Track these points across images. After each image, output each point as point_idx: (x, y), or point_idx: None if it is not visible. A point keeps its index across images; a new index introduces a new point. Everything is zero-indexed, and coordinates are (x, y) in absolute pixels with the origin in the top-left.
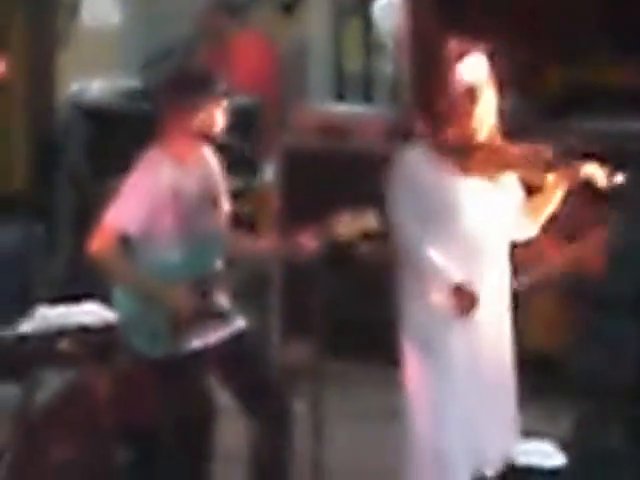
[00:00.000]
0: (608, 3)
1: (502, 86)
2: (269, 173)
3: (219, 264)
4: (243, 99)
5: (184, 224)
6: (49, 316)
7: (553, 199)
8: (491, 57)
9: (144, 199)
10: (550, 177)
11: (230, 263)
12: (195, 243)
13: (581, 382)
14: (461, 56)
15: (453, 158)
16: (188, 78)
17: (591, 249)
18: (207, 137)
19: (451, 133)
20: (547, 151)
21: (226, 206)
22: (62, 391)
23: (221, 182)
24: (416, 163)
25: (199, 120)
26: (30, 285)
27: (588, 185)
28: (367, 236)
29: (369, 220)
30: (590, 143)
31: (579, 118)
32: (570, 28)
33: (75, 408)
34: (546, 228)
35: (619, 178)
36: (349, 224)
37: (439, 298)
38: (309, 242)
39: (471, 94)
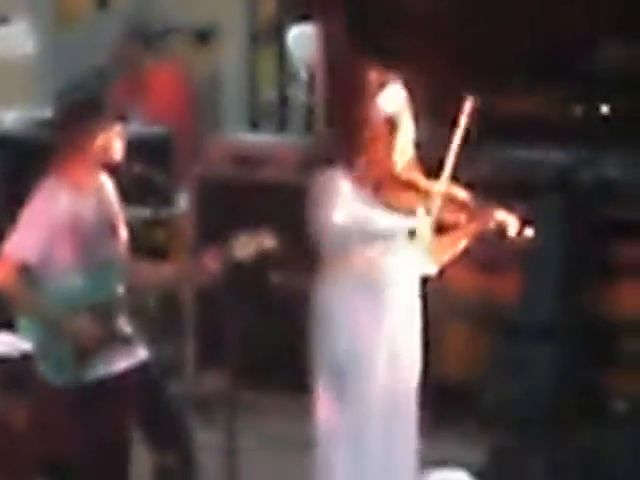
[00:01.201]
0: (525, 32)
1: (417, 115)
2: (183, 202)
3: (120, 290)
4: (157, 129)
5: (83, 251)
6: None
7: (460, 241)
8: (408, 86)
9: (42, 227)
10: (462, 217)
11: (135, 290)
12: (95, 269)
13: (496, 411)
14: (381, 86)
15: (370, 188)
16: (80, 105)
17: (505, 278)
18: (105, 164)
19: (369, 164)
20: (462, 191)
21: (124, 233)
22: None
23: (118, 209)
24: (344, 187)
25: (96, 147)
26: None
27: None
28: (263, 255)
29: (265, 240)
30: (501, 171)
31: (492, 146)
32: (486, 56)
33: None
34: (462, 258)
35: (528, 232)
36: (246, 244)
37: None
38: (210, 263)
39: (391, 125)
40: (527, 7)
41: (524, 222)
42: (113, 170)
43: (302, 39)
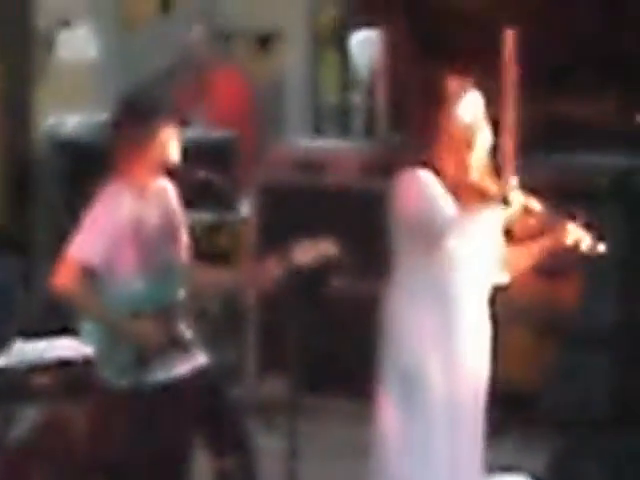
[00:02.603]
0: (591, 38)
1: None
2: (245, 208)
3: (182, 296)
4: (220, 133)
5: (146, 255)
6: (27, 350)
7: (535, 255)
8: (484, 93)
9: (106, 231)
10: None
11: (197, 295)
12: (157, 274)
13: (555, 417)
14: (460, 95)
15: (450, 189)
16: (141, 106)
17: (566, 285)
18: (167, 169)
19: (444, 171)
20: (537, 203)
21: (185, 238)
22: (38, 425)
23: (180, 213)
24: (432, 182)
25: (155, 150)
26: (9, 319)
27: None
28: (325, 262)
29: (327, 247)
30: (562, 176)
31: (553, 151)
32: (552, 60)
33: (53, 442)
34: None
35: (601, 247)
36: (307, 250)
37: None
38: (272, 269)
39: (469, 133)
40: (592, 13)
41: (597, 237)
42: (176, 175)
43: (365, 44)
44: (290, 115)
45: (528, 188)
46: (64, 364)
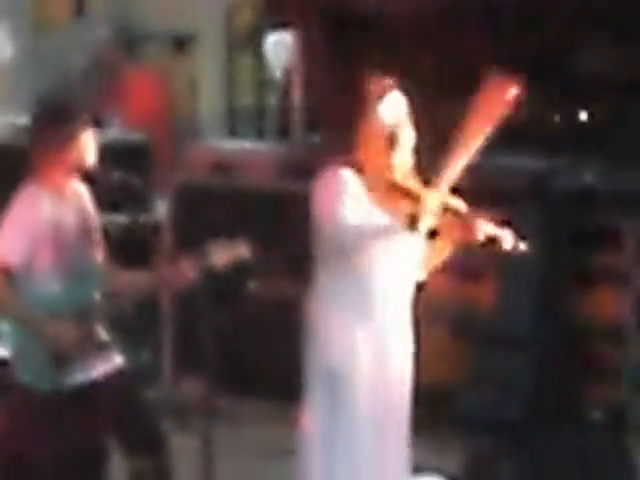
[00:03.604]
0: (504, 37)
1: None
2: (161, 209)
3: (98, 297)
4: (135, 135)
5: (63, 257)
6: None
7: (446, 250)
8: (405, 92)
9: (25, 232)
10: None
11: (113, 297)
12: (74, 275)
13: (472, 417)
14: (380, 95)
15: (366, 193)
16: (56, 109)
17: (484, 286)
18: (80, 169)
19: (366, 170)
20: (457, 201)
21: (100, 240)
22: None
23: (95, 216)
24: (351, 182)
25: (71, 153)
26: None
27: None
28: (240, 264)
29: (242, 249)
30: (479, 178)
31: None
32: (469, 60)
33: None
34: (441, 266)
35: (522, 246)
36: (222, 252)
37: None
38: (187, 270)
39: (391, 134)
40: (510, 14)
41: (516, 235)
42: (90, 176)
43: (279, 46)
44: (205, 117)
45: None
46: None
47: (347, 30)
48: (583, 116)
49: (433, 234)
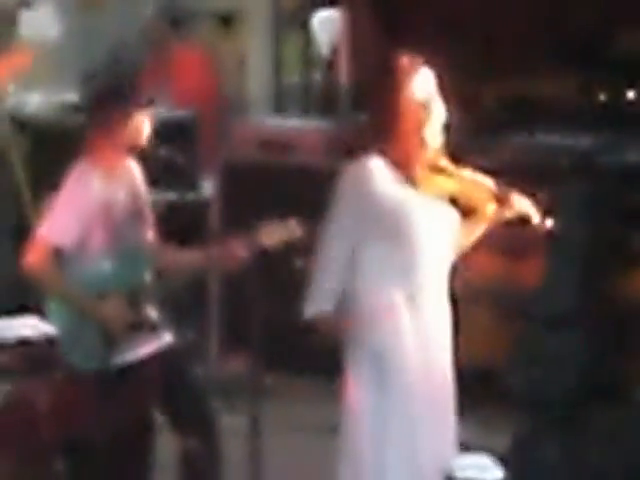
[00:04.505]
0: (551, 17)
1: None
2: (208, 187)
3: (149, 276)
4: (183, 112)
5: (114, 236)
6: None
7: (479, 227)
8: (438, 71)
9: (76, 212)
10: (488, 205)
11: (163, 276)
12: (125, 255)
13: (519, 396)
14: (412, 72)
15: (400, 173)
16: (111, 88)
17: (528, 265)
18: (133, 148)
19: (399, 149)
20: (487, 179)
21: (151, 218)
22: (2, 403)
23: (145, 193)
24: (364, 174)
25: (126, 131)
26: None
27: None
28: (290, 245)
29: (293, 229)
30: (525, 157)
31: (515, 131)
32: (511, 41)
33: (15, 419)
34: (487, 244)
35: (548, 223)
36: (273, 232)
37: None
38: (237, 250)
39: (422, 111)
40: None
41: (545, 212)
42: (139, 154)
43: (327, 23)
44: (253, 94)
45: (491, 169)
46: (25, 343)
47: (393, 7)
48: (630, 94)
49: (467, 211)
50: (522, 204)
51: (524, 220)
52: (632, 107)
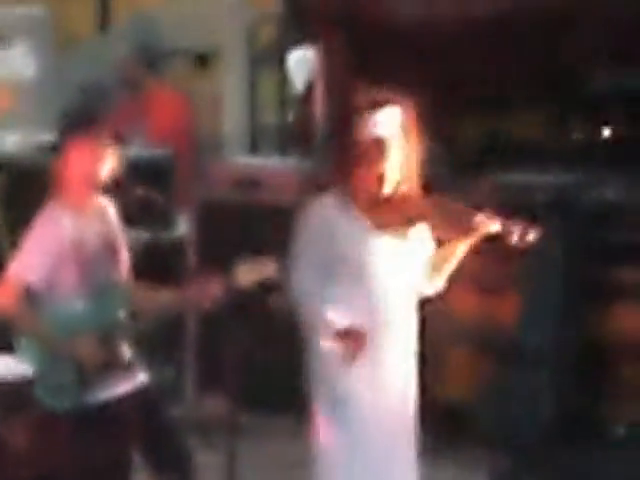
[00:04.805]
0: (526, 56)
1: (422, 136)
2: (183, 226)
3: (122, 315)
4: (158, 151)
5: (86, 274)
6: None
7: (457, 252)
8: (407, 108)
9: (47, 250)
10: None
11: (138, 315)
12: (97, 293)
13: (494, 434)
14: (373, 107)
15: (361, 210)
16: (79, 128)
17: (505, 302)
18: (106, 187)
19: (358, 185)
20: (454, 203)
21: (126, 257)
22: None
23: (120, 232)
24: (326, 213)
25: (93, 170)
26: None
27: (501, 241)
28: (265, 285)
29: (268, 269)
30: (502, 195)
31: (492, 169)
32: (486, 80)
33: None
34: (462, 280)
35: (531, 235)
36: (248, 271)
37: (329, 345)
38: (212, 289)
39: (379, 147)
40: (527, 32)
41: (525, 228)
42: (114, 192)
43: (302, 62)
44: (228, 133)
45: (468, 206)
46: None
47: (367, 46)
48: (606, 132)
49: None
50: (493, 223)
51: (502, 238)
52: (608, 144)
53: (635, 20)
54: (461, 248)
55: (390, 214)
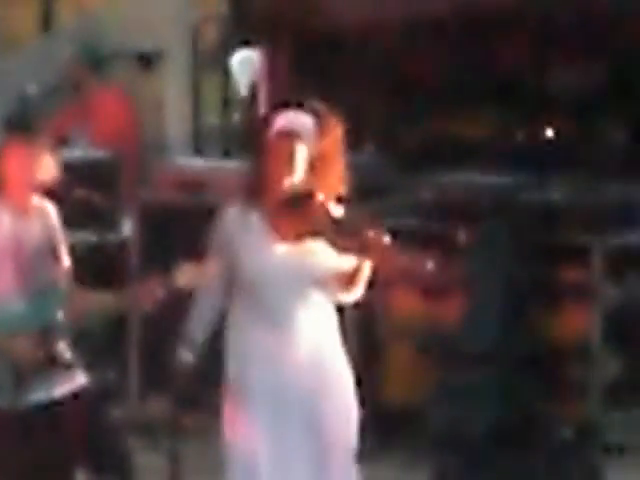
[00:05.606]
0: (469, 57)
1: (356, 141)
2: (126, 228)
3: (61, 316)
4: (101, 153)
5: (25, 275)
6: None
7: (364, 268)
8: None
9: None
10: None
11: (79, 316)
12: (36, 294)
13: (439, 434)
14: (277, 112)
15: (265, 218)
16: (13, 128)
17: (449, 303)
18: (47, 188)
19: (266, 190)
20: (358, 218)
21: (66, 258)
22: None
23: (60, 233)
24: (228, 219)
25: (32, 170)
26: None
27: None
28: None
29: (206, 270)
30: (444, 195)
31: (435, 170)
32: (430, 81)
33: None
34: (405, 281)
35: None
36: (189, 273)
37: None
38: (154, 291)
39: (285, 147)
40: (468, 34)
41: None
42: (56, 194)
43: (246, 64)
44: (171, 135)
45: (414, 207)
46: None
47: (310, 50)
48: (549, 133)
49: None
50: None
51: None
52: (551, 145)
53: (575, 21)
54: (367, 265)
55: (292, 224)
